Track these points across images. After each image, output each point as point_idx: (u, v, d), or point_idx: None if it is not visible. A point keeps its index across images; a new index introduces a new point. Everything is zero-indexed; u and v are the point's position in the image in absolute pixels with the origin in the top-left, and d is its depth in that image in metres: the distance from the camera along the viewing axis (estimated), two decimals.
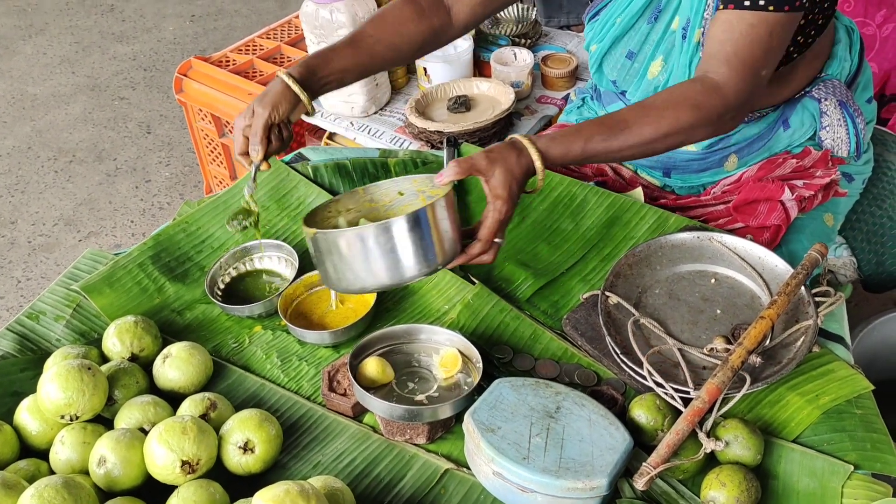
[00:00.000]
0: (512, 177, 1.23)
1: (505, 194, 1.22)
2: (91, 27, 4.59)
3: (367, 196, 1.37)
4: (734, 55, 1.32)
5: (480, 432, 1.12)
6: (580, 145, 1.28)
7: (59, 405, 1.19)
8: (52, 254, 3.09)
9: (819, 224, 1.64)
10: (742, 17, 1.31)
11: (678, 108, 1.31)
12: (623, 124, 1.30)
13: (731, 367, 1.17)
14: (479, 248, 1.25)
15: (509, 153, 1.24)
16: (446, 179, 1.24)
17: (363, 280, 1.20)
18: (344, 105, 2.40)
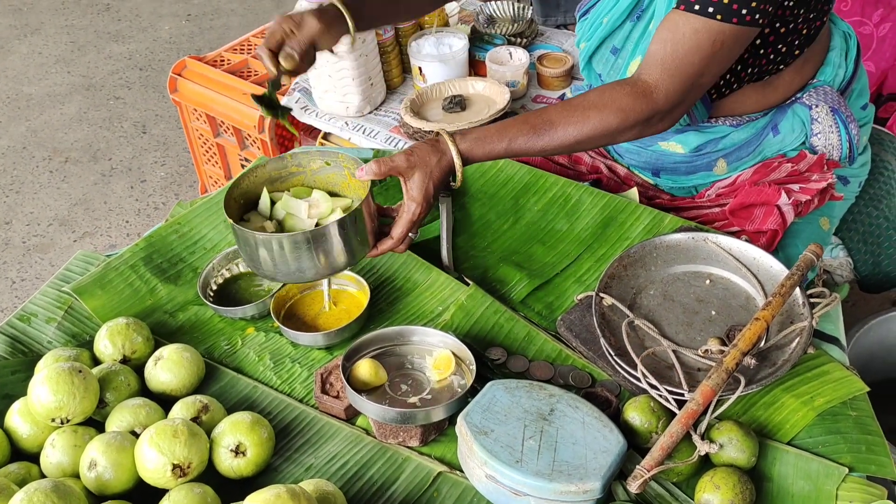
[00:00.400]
0: (430, 179, 1.29)
1: (419, 197, 1.30)
2: (87, 26, 4.57)
3: (294, 161, 1.41)
4: (671, 57, 1.31)
5: (473, 435, 1.12)
6: (504, 145, 1.33)
7: (50, 408, 1.18)
8: (47, 254, 3.08)
9: (815, 228, 1.64)
10: (688, 20, 1.30)
11: (604, 111, 1.32)
12: (548, 125, 1.33)
13: (726, 368, 1.17)
14: (389, 245, 1.34)
15: (431, 155, 1.30)
16: (366, 177, 1.30)
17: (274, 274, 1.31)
18: (339, 105, 2.39)
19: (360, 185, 1.39)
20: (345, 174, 1.41)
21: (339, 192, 1.44)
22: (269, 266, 1.30)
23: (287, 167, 1.41)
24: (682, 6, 1.30)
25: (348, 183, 1.42)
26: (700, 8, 1.28)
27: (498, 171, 1.69)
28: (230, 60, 2.80)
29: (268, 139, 2.57)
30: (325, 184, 1.43)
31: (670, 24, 1.32)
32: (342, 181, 1.42)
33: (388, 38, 2.41)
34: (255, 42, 2.89)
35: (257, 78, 2.69)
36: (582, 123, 1.33)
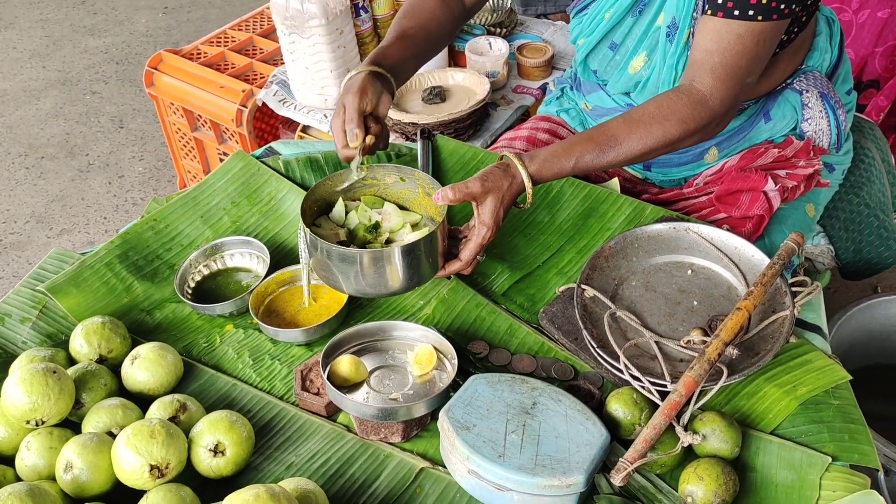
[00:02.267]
0: (501, 204, 1.32)
1: (491, 222, 1.32)
2: (62, 20, 4.51)
3: (370, 173, 1.42)
4: (720, 66, 1.34)
5: (455, 430, 1.11)
6: (571, 164, 1.35)
7: (24, 410, 1.16)
8: (24, 252, 3.04)
9: (800, 214, 1.64)
10: (730, 26, 1.32)
11: (666, 123, 1.35)
12: (613, 141, 1.35)
13: (708, 359, 1.16)
14: (457, 267, 1.35)
15: (503, 180, 1.32)
16: (442, 202, 1.31)
17: (344, 286, 1.32)
18: (317, 97, 2.36)
19: (431, 205, 1.41)
20: (418, 192, 1.43)
21: (410, 208, 1.46)
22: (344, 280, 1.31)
23: (364, 178, 1.42)
24: (719, 13, 1.32)
25: (420, 201, 1.44)
26: (740, 13, 1.31)
27: (479, 163, 1.67)
28: (207, 53, 2.76)
29: (246, 133, 2.54)
30: (396, 198, 1.45)
31: (712, 34, 1.34)
32: (414, 198, 1.44)
33: (366, 28, 2.39)
34: (233, 34, 2.86)
35: (234, 71, 2.66)
36: (646, 137, 1.35)
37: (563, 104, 1.86)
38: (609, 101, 1.67)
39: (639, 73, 1.56)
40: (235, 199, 1.60)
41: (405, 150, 1.72)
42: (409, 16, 1.55)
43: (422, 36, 1.55)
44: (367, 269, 1.29)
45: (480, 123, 2.28)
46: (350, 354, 1.26)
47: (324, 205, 1.42)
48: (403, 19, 1.55)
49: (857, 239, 1.79)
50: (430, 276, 1.35)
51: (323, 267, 1.32)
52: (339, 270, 1.30)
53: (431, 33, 1.57)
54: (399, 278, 1.30)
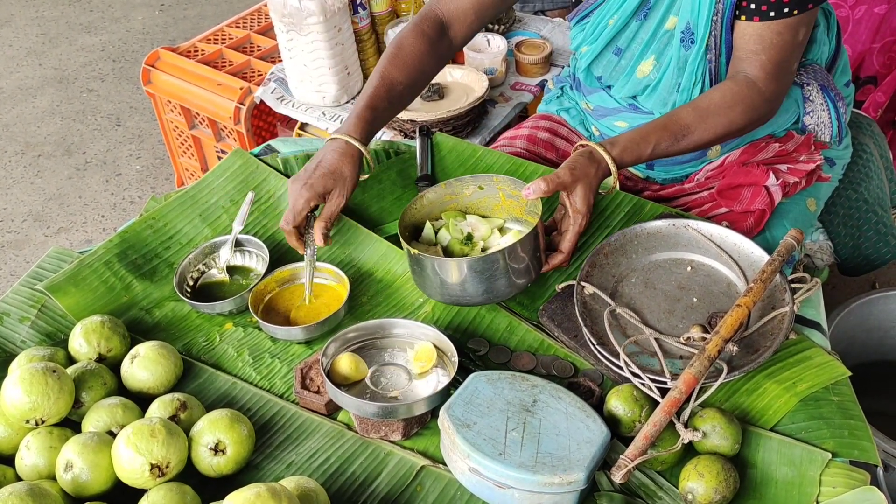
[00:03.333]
0: (591, 190, 1.34)
1: (584, 209, 1.33)
2: (58, 18, 4.50)
3: (448, 189, 1.45)
4: (768, 62, 1.40)
5: (456, 428, 1.11)
6: (648, 151, 1.39)
7: (24, 409, 1.16)
8: (22, 251, 3.03)
9: (802, 209, 1.64)
10: (769, 27, 1.37)
11: (731, 112, 1.41)
12: (686, 130, 1.40)
13: (708, 356, 1.16)
14: (560, 260, 1.36)
15: (590, 167, 1.34)
16: (535, 195, 1.31)
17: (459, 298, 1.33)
18: (315, 95, 2.36)
19: (513, 206, 1.44)
20: (498, 196, 1.44)
21: (491, 214, 1.47)
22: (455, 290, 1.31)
23: (442, 196, 1.45)
24: (755, 17, 1.37)
25: (501, 205, 1.45)
26: (776, 13, 1.36)
27: (477, 160, 1.67)
28: (204, 51, 2.76)
29: (244, 130, 2.54)
30: (476, 208, 1.47)
31: (754, 38, 1.40)
32: (494, 203, 1.46)
33: (364, 26, 2.38)
34: (231, 32, 2.85)
35: (232, 68, 2.66)
36: (716, 126, 1.41)
37: (563, 103, 1.86)
38: (612, 102, 1.67)
39: (647, 77, 1.56)
40: (234, 198, 1.60)
41: (403, 148, 1.72)
42: (397, 66, 1.53)
43: (407, 93, 1.56)
44: (480, 275, 1.28)
45: (479, 120, 2.28)
46: (350, 352, 1.26)
47: (412, 229, 1.43)
48: (393, 69, 1.53)
49: (856, 235, 1.79)
50: (538, 271, 1.35)
51: (431, 284, 1.33)
52: (447, 283, 1.30)
53: (416, 86, 1.58)
54: (511, 279, 1.30)
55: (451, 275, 1.30)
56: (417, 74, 1.56)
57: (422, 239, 1.44)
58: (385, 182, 1.64)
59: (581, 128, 1.82)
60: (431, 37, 1.57)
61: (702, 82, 1.51)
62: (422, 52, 1.56)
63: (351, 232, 1.53)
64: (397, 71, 1.53)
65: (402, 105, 1.57)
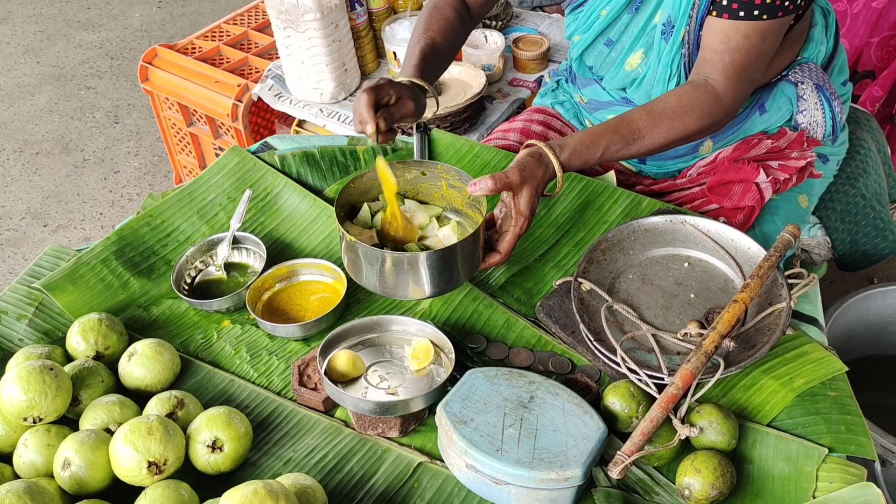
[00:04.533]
0: (536, 193, 1.32)
1: (528, 212, 1.31)
2: (56, 15, 4.49)
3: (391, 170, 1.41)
4: (731, 64, 1.38)
5: (453, 425, 1.11)
6: (598, 155, 1.37)
7: (21, 407, 1.16)
8: (20, 248, 3.03)
9: (793, 205, 1.64)
10: (737, 27, 1.35)
11: (686, 117, 1.39)
12: (637, 134, 1.38)
13: (705, 352, 1.16)
14: (497, 260, 1.34)
15: (538, 169, 1.32)
16: (480, 192, 1.30)
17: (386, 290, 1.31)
18: (313, 91, 2.36)
19: (454, 196, 1.43)
20: (440, 184, 1.43)
21: (431, 201, 1.46)
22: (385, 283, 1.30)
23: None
24: (724, 14, 1.35)
25: (441, 193, 1.44)
26: (745, 14, 1.34)
27: (475, 156, 1.67)
28: (202, 48, 2.76)
29: (241, 127, 2.54)
30: (416, 193, 1.45)
31: (720, 35, 1.38)
32: (436, 191, 1.44)
33: (361, 22, 2.38)
34: (228, 29, 2.85)
35: (229, 65, 2.65)
36: (668, 131, 1.39)
37: (557, 97, 1.86)
38: (604, 95, 1.67)
39: (635, 71, 1.56)
40: (231, 195, 1.60)
41: (401, 144, 1.71)
42: (434, 29, 1.57)
43: (449, 52, 1.60)
44: (417, 272, 1.27)
45: (476, 117, 2.28)
46: (347, 349, 1.26)
47: (348, 209, 1.41)
48: (431, 33, 1.57)
49: (854, 230, 1.79)
50: (475, 271, 1.34)
51: (366, 273, 1.31)
52: (387, 276, 1.29)
53: (453, 50, 1.63)
54: (448, 277, 1.30)
55: (387, 267, 1.28)
56: (453, 39, 1.61)
57: (357, 220, 1.41)
58: None
59: (575, 121, 1.82)
60: (458, 9, 1.63)
61: (677, 76, 1.51)
62: (454, 20, 1.61)
63: None
64: (437, 34, 1.57)
65: (444, 65, 1.60)
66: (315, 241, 1.52)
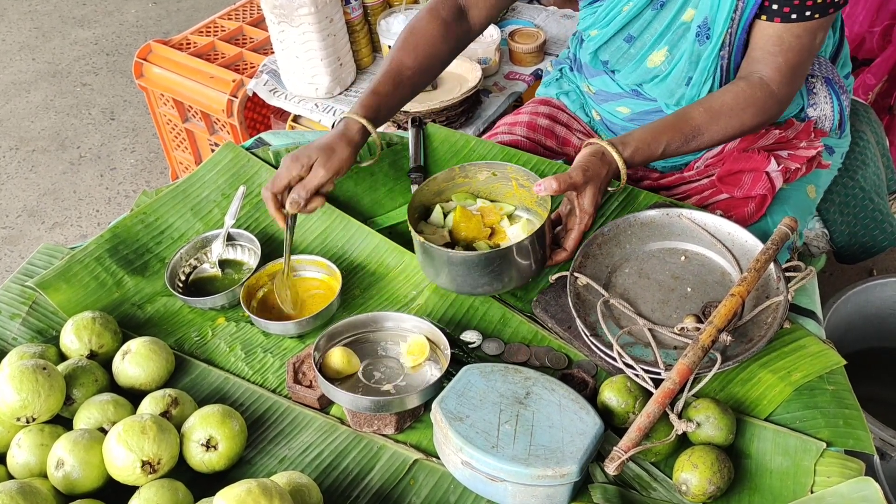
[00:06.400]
0: (599, 191, 1.35)
1: (591, 210, 1.35)
2: (51, 11, 4.48)
3: (461, 172, 1.45)
4: (784, 64, 1.40)
5: (448, 421, 1.10)
6: (659, 151, 1.40)
7: (14, 407, 1.15)
8: (17, 246, 3.02)
9: (802, 195, 1.63)
10: (789, 30, 1.36)
11: (743, 114, 1.41)
12: (696, 131, 1.41)
13: (702, 346, 1.15)
14: (563, 257, 1.38)
15: (601, 168, 1.35)
16: (545, 192, 1.31)
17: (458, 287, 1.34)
18: (308, 86, 2.35)
19: (525, 196, 1.45)
20: (511, 185, 1.45)
21: (502, 200, 1.48)
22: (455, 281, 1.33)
23: (454, 179, 1.45)
24: (776, 19, 1.36)
25: (513, 193, 1.46)
26: (797, 16, 1.34)
27: (470, 150, 1.66)
28: (197, 43, 2.74)
29: (237, 123, 2.53)
30: (488, 193, 1.48)
31: (773, 39, 1.39)
32: (507, 191, 1.46)
33: (356, 16, 2.37)
34: (223, 24, 2.84)
35: (224, 61, 2.64)
36: (726, 128, 1.42)
37: (562, 86, 1.84)
38: (615, 87, 1.66)
39: (658, 68, 1.55)
40: (226, 192, 1.59)
41: (396, 140, 1.70)
42: (407, 50, 1.53)
43: (417, 79, 1.55)
44: (485, 269, 1.30)
45: (472, 111, 2.27)
46: (342, 346, 1.26)
47: (422, 210, 1.44)
48: (402, 54, 1.53)
49: (852, 223, 1.78)
50: (543, 266, 1.36)
51: (438, 272, 1.34)
52: (457, 274, 1.31)
53: (428, 71, 1.58)
54: (515, 274, 1.32)
55: (458, 266, 1.31)
56: (429, 59, 1.55)
57: (430, 220, 1.44)
58: (377, 174, 1.63)
59: (581, 112, 1.80)
60: (447, 20, 1.57)
61: (712, 79, 1.50)
62: (435, 35, 1.55)
63: (343, 225, 1.52)
64: (406, 55, 1.53)
65: (413, 90, 1.56)
66: (310, 238, 1.51)
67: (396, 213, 1.56)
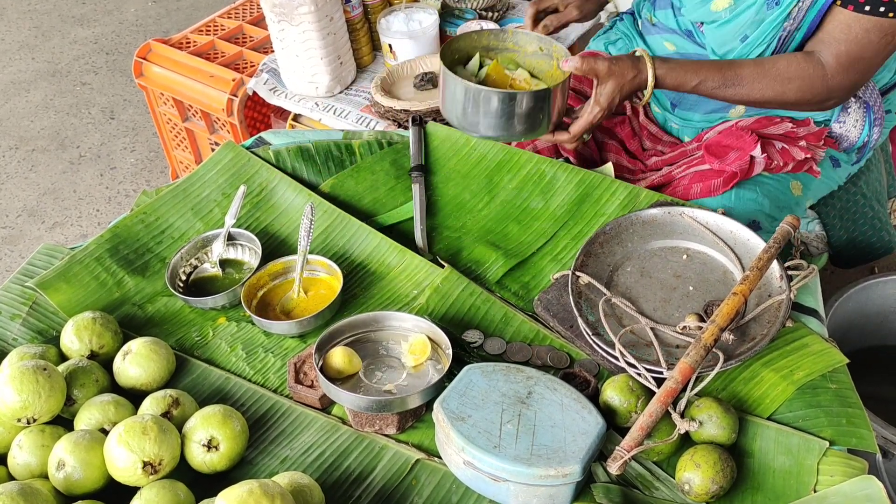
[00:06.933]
0: (619, 92, 1.39)
1: (605, 103, 1.39)
2: (50, 10, 4.47)
3: (513, 38, 1.52)
4: (845, 53, 1.39)
5: (450, 421, 1.10)
6: (693, 83, 1.42)
7: (15, 408, 1.15)
8: (17, 246, 3.02)
9: (783, 188, 1.59)
10: (860, 21, 1.35)
11: (789, 84, 1.41)
12: (738, 80, 1.42)
13: (704, 345, 1.15)
14: (564, 137, 1.46)
15: (629, 70, 1.39)
16: (568, 68, 1.38)
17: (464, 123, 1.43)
18: (308, 85, 2.34)
19: (561, 78, 1.46)
20: (552, 64, 1.51)
21: (541, 78, 1.53)
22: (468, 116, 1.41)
23: (505, 42, 1.52)
24: (850, 6, 1.35)
25: (552, 73, 1.52)
26: (871, 9, 1.33)
27: (471, 149, 1.66)
28: (196, 42, 2.73)
29: (237, 122, 2.52)
30: (531, 67, 1.54)
31: (842, 25, 1.38)
32: (548, 70, 1.52)
33: (356, 15, 2.36)
34: (222, 23, 2.83)
35: (224, 60, 2.64)
36: (766, 89, 1.42)
37: (609, 37, 1.87)
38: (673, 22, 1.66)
39: (719, 14, 1.52)
40: (226, 191, 1.58)
41: (397, 138, 1.70)
42: None
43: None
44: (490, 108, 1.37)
45: None
46: (343, 346, 1.25)
47: (463, 56, 1.51)
48: None
49: (851, 228, 1.78)
50: (543, 131, 1.43)
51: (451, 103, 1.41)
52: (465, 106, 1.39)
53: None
54: (515, 122, 1.38)
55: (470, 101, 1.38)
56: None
57: (467, 67, 1.51)
58: (378, 173, 1.62)
59: None
60: None
61: (767, 45, 1.49)
62: None
63: (344, 224, 1.51)
64: None
65: None
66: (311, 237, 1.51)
67: (397, 213, 1.56)
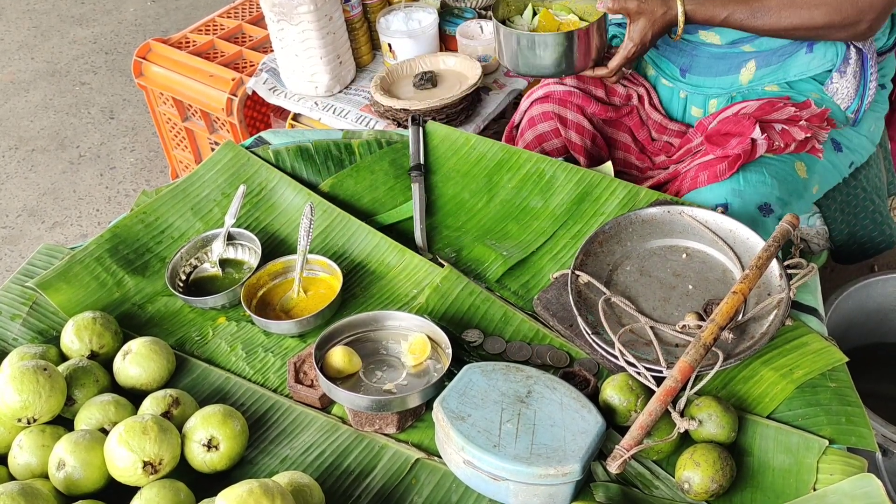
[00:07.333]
0: (651, 27, 1.50)
1: (638, 39, 1.51)
2: (49, 10, 4.47)
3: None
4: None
5: (450, 421, 1.10)
6: (722, 16, 1.49)
7: (15, 408, 1.15)
8: (17, 246, 3.02)
9: (788, 169, 1.58)
10: None
11: (817, 9, 1.45)
12: (765, 9, 1.47)
13: (704, 344, 1.15)
14: (603, 73, 1.60)
15: (659, 7, 1.49)
16: (602, 8, 1.51)
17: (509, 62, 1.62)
18: (308, 85, 2.34)
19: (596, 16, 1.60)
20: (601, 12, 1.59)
21: (588, 20, 1.66)
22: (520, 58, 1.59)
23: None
24: None
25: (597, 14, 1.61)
26: None
27: (470, 148, 1.66)
28: (196, 42, 2.74)
29: (237, 122, 2.52)
30: (581, 11, 1.69)
31: None
32: (597, 14, 1.60)
33: (355, 14, 2.36)
34: (222, 22, 2.83)
35: (223, 59, 2.64)
36: (794, 17, 1.46)
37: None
38: None
39: None
40: (226, 191, 1.58)
41: (396, 138, 1.70)
42: None
43: None
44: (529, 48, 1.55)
45: (472, 108, 2.26)
46: (343, 346, 1.26)
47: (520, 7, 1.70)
48: None
49: (852, 222, 1.78)
50: (582, 67, 1.58)
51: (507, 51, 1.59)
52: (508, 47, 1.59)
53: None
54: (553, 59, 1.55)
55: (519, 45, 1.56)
56: None
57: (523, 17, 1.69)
58: (378, 172, 1.62)
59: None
60: None
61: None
62: None
63: (344, 223, 1.51)
64: None
65: None
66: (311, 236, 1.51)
67: (397, 212, 1.56)
